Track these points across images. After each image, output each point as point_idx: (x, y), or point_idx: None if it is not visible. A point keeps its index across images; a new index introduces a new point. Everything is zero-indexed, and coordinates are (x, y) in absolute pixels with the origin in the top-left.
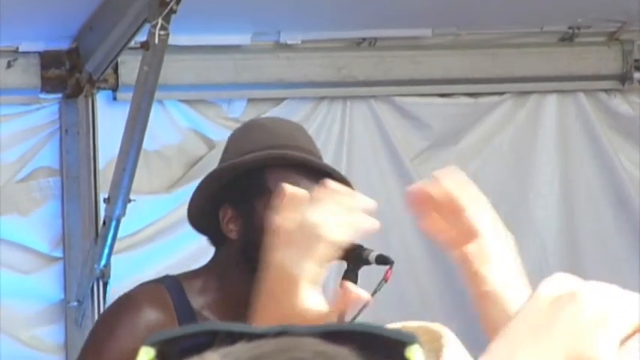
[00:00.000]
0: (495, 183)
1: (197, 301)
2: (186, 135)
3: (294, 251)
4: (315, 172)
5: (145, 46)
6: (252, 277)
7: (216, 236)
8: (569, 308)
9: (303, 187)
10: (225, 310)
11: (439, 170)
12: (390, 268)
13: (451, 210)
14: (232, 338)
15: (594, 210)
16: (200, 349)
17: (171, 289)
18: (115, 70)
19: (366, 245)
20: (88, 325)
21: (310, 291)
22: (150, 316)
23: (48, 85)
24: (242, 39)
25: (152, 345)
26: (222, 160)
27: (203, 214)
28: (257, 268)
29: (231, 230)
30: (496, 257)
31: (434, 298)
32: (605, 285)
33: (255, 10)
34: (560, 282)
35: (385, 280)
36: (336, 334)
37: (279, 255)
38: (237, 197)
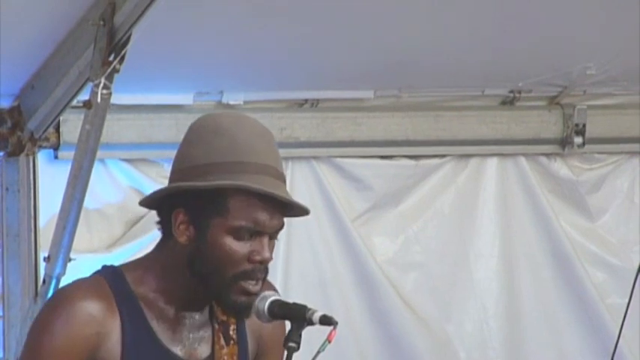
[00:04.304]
0: (436, 244)
1: (139, 289)
2: (128, 194)
3: None
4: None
5: (87, 104)
6: (192, 282)
7: (165, 227)
8: None
9: (264, 215)
10: (163, 303)
11: None
12: (334, 328)
13: None
14: None
15: (534, 272)
16: None
17: (110, 277)
18: (57, 128)
19: (309, 305)
20: None
21: None
22: (85, 307)
23: None
24: (184, 98)
25: None
26: (179, 161)
27: (155, 205)
28: (199, 277)
29: (182, 234)
30: None
31: (373, 359)
32: None
33: (197, 70)
34: None
35: (329, 340)
36: None
37: None
38: (194, 207)
